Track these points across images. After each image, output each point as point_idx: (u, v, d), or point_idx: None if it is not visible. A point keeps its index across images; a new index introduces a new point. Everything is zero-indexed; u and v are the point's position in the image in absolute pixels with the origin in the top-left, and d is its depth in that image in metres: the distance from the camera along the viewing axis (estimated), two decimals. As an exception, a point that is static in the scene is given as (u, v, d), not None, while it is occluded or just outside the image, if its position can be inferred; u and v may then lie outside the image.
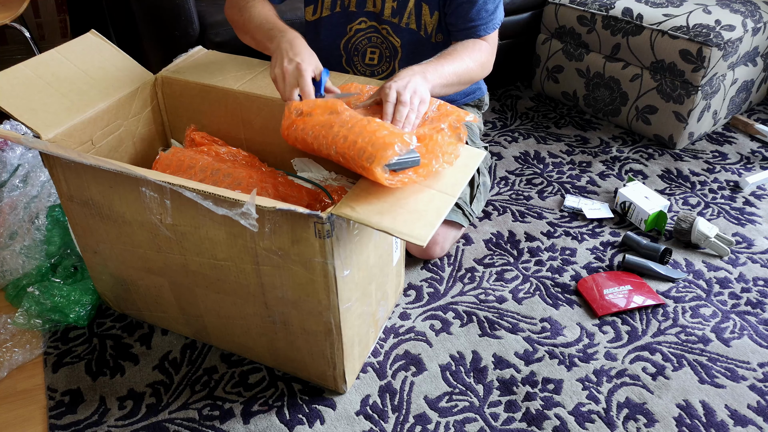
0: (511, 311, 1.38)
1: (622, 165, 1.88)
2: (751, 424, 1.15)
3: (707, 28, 1.80)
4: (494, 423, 1.15)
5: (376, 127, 0.96)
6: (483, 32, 1.32)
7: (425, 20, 1.35)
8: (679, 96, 1.87)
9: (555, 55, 2.15)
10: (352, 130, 0.97)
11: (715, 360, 1.27)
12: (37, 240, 1.42)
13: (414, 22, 1.36)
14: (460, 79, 1.24)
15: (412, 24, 1.36)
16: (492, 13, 1.32)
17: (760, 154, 1.95)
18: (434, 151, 0.98)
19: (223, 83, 1.27)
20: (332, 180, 1.27)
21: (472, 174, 1.03)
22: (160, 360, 1.26)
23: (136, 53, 1.43)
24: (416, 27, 1.37)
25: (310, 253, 0.96)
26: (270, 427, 1.13)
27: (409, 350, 1.28)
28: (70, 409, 1.17)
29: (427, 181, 0.99)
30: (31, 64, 1.19)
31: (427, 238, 0.88)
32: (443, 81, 1.18)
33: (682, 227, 1.55)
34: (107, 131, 1.23)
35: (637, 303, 1.38)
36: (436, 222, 0.91)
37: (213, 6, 1.78)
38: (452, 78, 1.21)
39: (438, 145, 0.99)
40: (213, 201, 0.94)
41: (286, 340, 1.14)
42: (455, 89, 1.27)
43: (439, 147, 0.99)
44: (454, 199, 0.97)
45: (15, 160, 1.61)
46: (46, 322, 1.31)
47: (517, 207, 1.70)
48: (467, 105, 1.58)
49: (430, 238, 0.88)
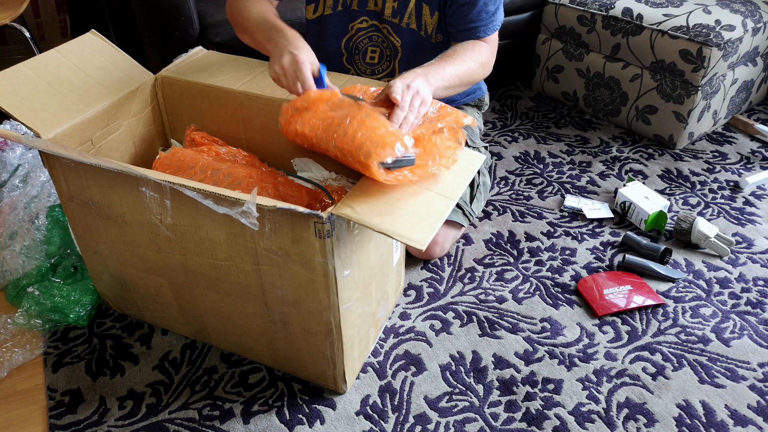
0: (511, 311, 1.38)
1: (622, 165, 1.88)
2: (751, 424, 1.15)
3: (707, 28, 1.80)
4: (494, 423, 1.15)
5: (375, 124, 0.96)
6: (483, 33, 1.32)
7: (425, 20, 1.35)
8: (679, 96, 1.87)
9: (555, 55, 2.15)
10: (351, 125, 0.97)
11: (715, 360, 1.27)
12: (37, 240, 1.42)
13: (414, 22, 1.36)
14: (461, 81, 1.25)
15: (412, 24, 1.36)
16: (492, 14, 1.32)
17: (760, 154, 1.95)
18: (432, 153, 0.98)
19: (223, 83, 1.27)
20: (332, 180, 1.27)
21: (472, 177, 1.04)
22: (160, 360, 1.26)
23: (136, 53, 1.43)
24: (416, 27, 1.37)
25: (310, 253, 0.96)
26: (270, 427, 1.13)
27: (409, 350, 1.28)
28: (70, 409, 1.17)
29: (427, 184, 0.99)
30: (31, 64, 1.19)
31: (427, 242, 0.88)
32: (445, 83, 1.18)
33: (682, 227, 1.55)
34: (107, 131, 1.23)
35: (637, 303, 1.38)
36: (435, 225, 0.92)
37: (213, 6, 1.78)
38: (454, 80, 1.21)
39: (436, 147, 0.99)
40: (213, 200, 0.94)
41: (286, 340, 1.14)
42: (457, 91, 1.27)
43: (437, 149, 0.99)
44: (453, 203, 0.97)
45: (15, 160, 1.61)
46: (46, 322, 1.31)
47: (517, 207, 1.70)
48: (467, 105, 1.57)
49: (429, 241, 0.89)
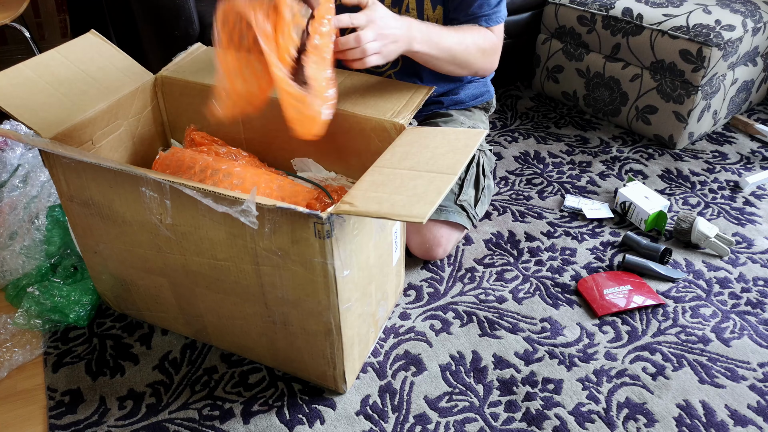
0: (511, 311, 1.38)
1: (622, 165, 1.88)
2: (751, 424, 1.15)
3: (707, 28, 1.80)
4: (494, 423, 1.15)
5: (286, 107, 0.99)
6: (485, 23, 1.32)
7: (428, 14, 1.36)
8: (679, 96, 1.87)
9: (555, 55, 2.15)
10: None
11: (715, 360, 1.27)
12: (37, 240, 1.42)
13: (416, 16, 1.36)
14: (453, 58, 1.24)
15: (413, 17, 1.36)
16: (495, 6, 1.33)
17: (760, 154, 1.95)
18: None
19: (223, 83, 1.27)
20: (332, 180, 1.27)
21: (472, 154, 1.01)
22: (160, 360, 1.26)
23: (136, 53, 1.43)
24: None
25: (310, 254, 0.96)
26: (270, 427, 1.13)
27: (409, 350, 1.28)
28: (70, 409, 1.17)
29: (428, 165, 0.98)
30: (31, 64, 1.19)
31: (427, 216, 0.86)
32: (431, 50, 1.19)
33: (682, 227, 1.55)
34: (107, 131, 1.23)
35: (637, 303, 1.38)
36: (436, 200, 0.89)
37: (213, 6, 1.77)
38: (444, 54, 1.22)
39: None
40: (213, 198, 0.94)
41: (286, 340, 1.14)
42: (445, 67, 1.27)
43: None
44: (454, 178, 0.95)
45: (15, 160, 1.61)
46: (46, 322, 1.31)
47: (517, 207, 1.70)
48: (476, 107, 1.57)
49: (429, 215, 0.86)
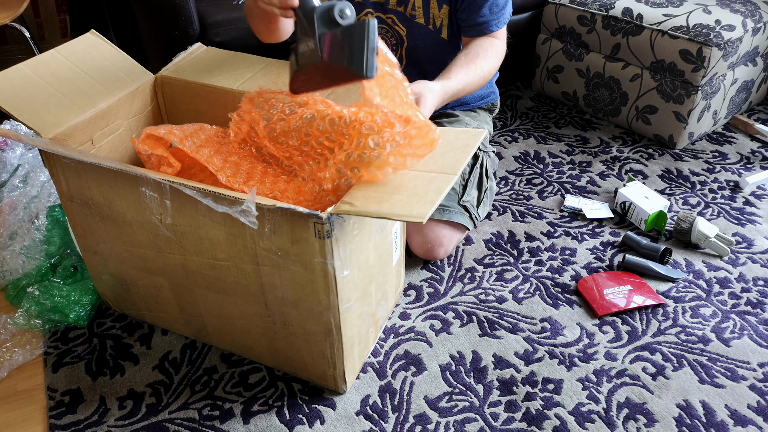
0: (511, 311, 1.38)
1: (622, 165, 1.88)
2: (751, 424, 1.15)
3: (707, 28, 1.80)
4: (494, 423, 1.15)
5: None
6: (495, 27, 1.35)
7: (433, 13, 1.37)
8: (679, 96, 1.87)
9: (555, 55, 2.15)
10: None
11: (715, 360, 1.27)
12: (37, 240, 1.42)
13: (422, 15, 1.37)
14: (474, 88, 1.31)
15: (419, 17, 1.38)
16: (502, 8, 1.35)
17: (760, 154, 1.95)
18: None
19: (222, 83, 1.27)
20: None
21: (473, 152, 1.01)
22: (160, 360, 1.26)
23: (136, 53, 1.43)
24: (424, 21, 1.38)
25: (310, 254, 0.96)
26: (270, 427, 1.13)
27: (409, 350, 1.28)
28: (70, 409, 1.17)
29: (428, 165, 0.98)
30: (31, 64, 1.19)
31: (427, 215, 0.86)
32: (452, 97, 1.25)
33: (682, 227, 1.55)
34: (107, 131, 1.23)
35: (637, 303, 1.38)
36: (436, 199, 0.89)
37: (213, 6, 1.78)
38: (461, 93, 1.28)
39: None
40: (213, 198, 0.94)
41: (286, 340, 1.14)
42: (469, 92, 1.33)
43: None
44: (455, 177, 0.95)
45: (15, 160, 1.61)
46: (46, 322, 1.31)
47: (517, 207, 1.70)
48: (480, 108, 1.60)
49: (429, 215, 0.86)
